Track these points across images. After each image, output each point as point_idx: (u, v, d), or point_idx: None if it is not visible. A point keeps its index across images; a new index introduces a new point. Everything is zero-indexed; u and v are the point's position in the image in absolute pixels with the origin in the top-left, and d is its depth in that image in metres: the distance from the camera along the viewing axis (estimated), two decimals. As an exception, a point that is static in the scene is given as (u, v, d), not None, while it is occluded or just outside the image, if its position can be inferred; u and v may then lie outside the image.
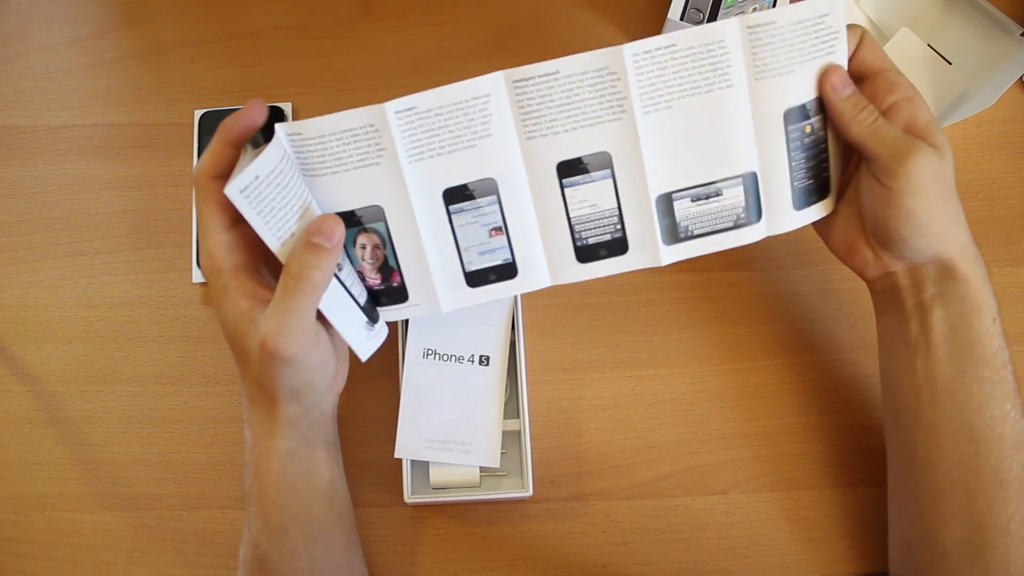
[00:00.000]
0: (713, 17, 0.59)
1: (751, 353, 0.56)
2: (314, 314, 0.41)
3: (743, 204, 0.46)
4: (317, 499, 0.45)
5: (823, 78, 0.44)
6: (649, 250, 0.45)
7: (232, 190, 0.38)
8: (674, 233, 0.45)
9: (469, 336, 0.52)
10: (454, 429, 0.50)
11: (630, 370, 0.56)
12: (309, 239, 0.40)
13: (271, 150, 0.40)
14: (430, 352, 0.52)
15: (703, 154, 0.44)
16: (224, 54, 0.62)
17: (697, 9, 0.59)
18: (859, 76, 0.45)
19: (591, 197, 0.44)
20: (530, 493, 0.50)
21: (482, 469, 0.51)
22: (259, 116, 0.41)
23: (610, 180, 0.44)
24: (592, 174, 0.44)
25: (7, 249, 0.58)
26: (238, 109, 0.41)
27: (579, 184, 0.44)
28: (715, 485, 0.53)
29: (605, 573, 0.52)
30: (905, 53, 0.61)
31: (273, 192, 0.40)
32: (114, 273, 0.57)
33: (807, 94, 0.44)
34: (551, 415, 0.55)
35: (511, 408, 0.53)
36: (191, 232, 0.57)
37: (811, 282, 0.57)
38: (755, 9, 0.59)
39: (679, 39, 0.41)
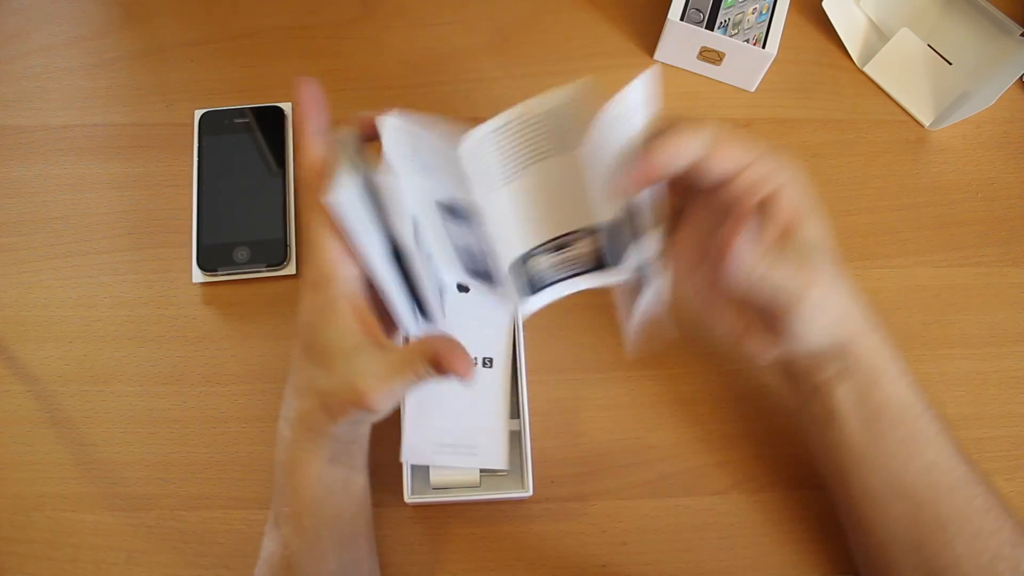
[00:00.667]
0: (713, 17, 0.59)
1: (751, 353, 0.56)
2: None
3: (595, 250, 0.45)
4: (350, 504, 0.45)
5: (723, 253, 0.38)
6: (513, 300, 0.46)
7: (343, 196, 0.35)
8: (532, 285, 0.45)
9: (473, 338, 0.52)
10: (460, 432, 0.50)
11: (630, 370, 0.56)
12: (449, 368, 0.39)
13: (388, 151, 0.37)
14: (430, 352, 0.52)
15: (552, 213, 0.43)
16: (224, 54, 0.62)
17: (697, 9, 0.59)
18: (719, 182, 0.40)
19: (465, 237, 0.43)
20: (530, 493, 0.50)
21: (483, 469, 0.51)
22: (319, 92, 0.40)
23: (478, 228, 0.42)
24: (461, 219, 0.42)
25: (7, 249, 0.58)
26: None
27: (452, 224, 0.43)
28: (715, 485, 0.53)
29: (605, 573, 0.52)
30: (905, 53, 0.61)
31: (378, 200, 0.38)
32: (114, 273, 0.57)
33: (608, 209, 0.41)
34: (551, 415, 0.55)
35: (511, 408, 0.52)
36: (191, 232, 0.57)
37: (811, 282, 0.57)
38: (755, 10, 0.59)
39: (512, 116, 0.37)
